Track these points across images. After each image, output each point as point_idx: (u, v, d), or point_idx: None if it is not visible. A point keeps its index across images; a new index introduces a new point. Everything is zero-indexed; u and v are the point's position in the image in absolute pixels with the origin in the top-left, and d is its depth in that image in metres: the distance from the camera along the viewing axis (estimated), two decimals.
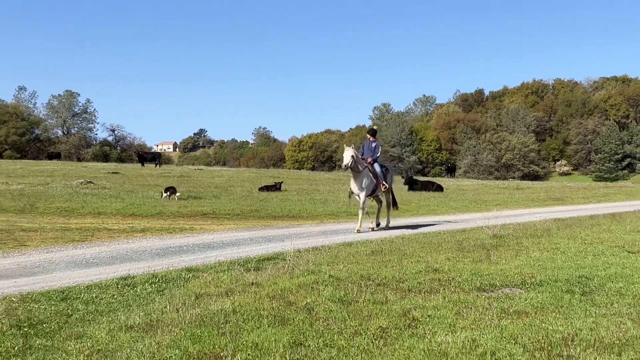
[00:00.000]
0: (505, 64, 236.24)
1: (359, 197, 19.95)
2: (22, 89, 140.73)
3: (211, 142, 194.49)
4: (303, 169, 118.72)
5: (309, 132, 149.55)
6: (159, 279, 11.19)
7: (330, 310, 8.12)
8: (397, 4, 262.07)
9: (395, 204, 22.48)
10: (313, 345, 6.73)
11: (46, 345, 7.32)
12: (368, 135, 21.95)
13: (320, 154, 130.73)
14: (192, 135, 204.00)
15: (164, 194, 24.86)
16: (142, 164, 72.92)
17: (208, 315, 8.02)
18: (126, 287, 10.61)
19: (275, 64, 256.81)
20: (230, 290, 9.62)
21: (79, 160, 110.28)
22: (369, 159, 20.54)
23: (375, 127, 21.79)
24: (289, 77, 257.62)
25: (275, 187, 39.09)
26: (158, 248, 15.84)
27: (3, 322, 8.10)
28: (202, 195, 33.11)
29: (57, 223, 20.92)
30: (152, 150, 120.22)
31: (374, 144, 21.14)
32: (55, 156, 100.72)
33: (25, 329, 7.91)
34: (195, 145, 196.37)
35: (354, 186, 20.02)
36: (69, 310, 9.00)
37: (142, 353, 6.70)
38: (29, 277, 11.91)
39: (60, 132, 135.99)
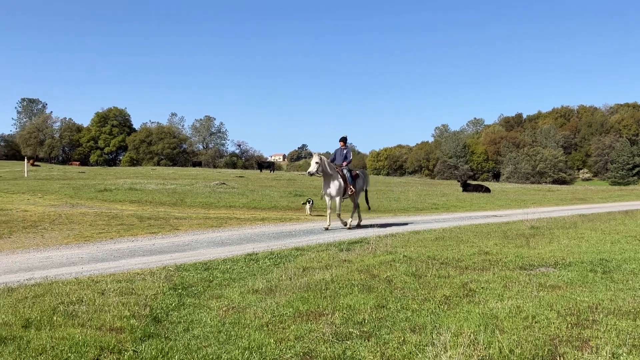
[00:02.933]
0: (539, 91, 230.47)
1: (329, 198, 17.27)
2: (173, 114, 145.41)
3: (310, 154, 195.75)
4: (380, 174, 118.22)
5: (384, 146, 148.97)
6: (275, 256, 11.34)
7: (405, 282, 8.09)
8: (452, 45, 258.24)
9: (367, 202, 20.12)
10: (393, 308, 6.73)
11: (195, 303, 7.54)
12: (340, 143, 18.60)
13: (393, 163, 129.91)
14: (297, 148, 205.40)
15: (307, 205, 22.87)
16: (260, 170, 74.11)
17: (313, 283, 8.09)
18: (251, 261, 10.80)
19: (358, 88, 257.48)
20: (328, 265, 9.68)
21: (214, 167, 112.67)
22: (341, 165, 17.78)
23: (345, 135, 18.65)
24: (368, 99, 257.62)
25: None
26: (274, 232, 16.06)
27: (164, 285, 8.36)
28: (304, 193, 33.33)
29: (200, 213, 21.44)
30: (268, 160, 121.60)
31: (345, 151, 18.31)
32: (198, 164, 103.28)
33: (179, 291, 8.16)
34: (299, 156, 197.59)
35: (325, 188, 17.41)
36: (210, 277, 9.23)
37: (265, 310, 6.83)
38: (180, 252, 12.25)
39: (201, 147, 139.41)
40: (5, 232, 15.05)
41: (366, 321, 6.20)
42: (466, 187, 43.19)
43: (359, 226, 18.16)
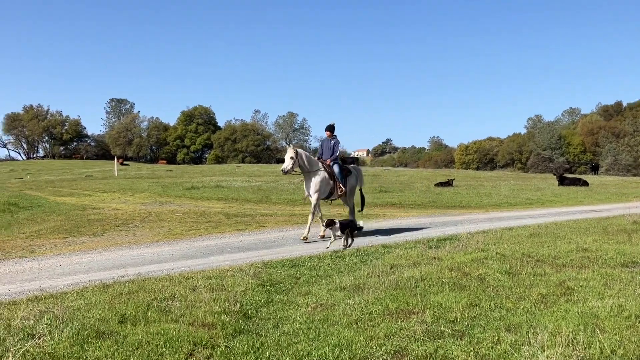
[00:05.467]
0: None
1: (311, 200, 14.58)
2: (257, 111, 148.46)
3: (395, 149, 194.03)
4: (469, 169, 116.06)
5: (473, 139, 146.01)
6: (361, 253, 11.40)
7: (499, 280, 7.96)
8: (545, 31, 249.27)
9: (362, 205, 16.94)
10: (486, 306, 6.65)
11: (283, 299, 7.71)
12: (327, 133, 15.70)
13: (483, 157, 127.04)
14: (381, 143, 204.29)
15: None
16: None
17: (402, 281, 8.09)
18: (338, 258, 10.90)
19: (445, 78, 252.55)
20: (417, 263, 9.64)
21: None
22: (328, 160, 15.11)
23: (332, 123, 14.50)
24: (456, 90, 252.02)
25: (448, 183, 38.51)
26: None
27: (252, 281, 8.58)
28: (390, 189, 33.24)
29: (285, 210, 21.81)
30: (351, 155, 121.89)
31: (332, 142, 15.44)
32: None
33: (268, 287, 8.36)
34: (383, 151, 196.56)
35: (306, 188, 14.69)
36: (297, 274, 9.40)
37: (354, 307, 6.89)
38: (267, 249, 12.51)
39: (284, 143, 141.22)
40: (99, 230, 15.83)
41: (458, 320, 6.15)
42: (562, 181, 41.82)
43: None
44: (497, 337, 5.54)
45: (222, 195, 27.45)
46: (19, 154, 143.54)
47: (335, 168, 15.01)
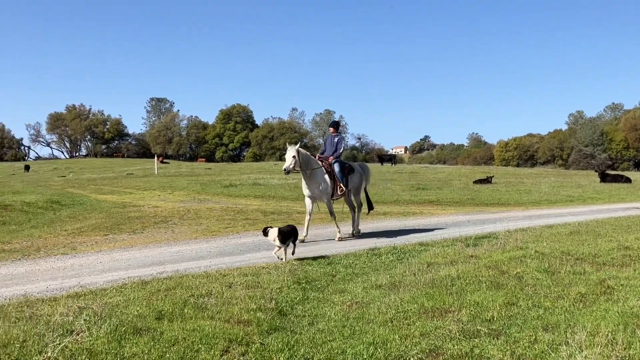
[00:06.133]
0: None
1: (311, 201, 14.08)
2: (294, 109, 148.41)
3: (434, 146, 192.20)
4: (509, 166, 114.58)
5: (513, 135, 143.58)
6: (398, 251, 11.35)
7: (537, 279, 7.83)
8: (587, 25, 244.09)
9: (369, 206, 16.07)
10: (523, 305, 6.55)
11: (318, 297, 7.71)
12: (330, 130, 15.20)
13: (523, 153, 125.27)
14: (419, 140, 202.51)
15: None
16: (382, 163, 74.09)
17: (438, 279, 8.02)
18: (374, 256, 10.87)
19: (484, 75, 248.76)
20: (454, 261, 9.55)
21: None
22: (330, 158, 14.34)
23: (338, 120, 13.44)
24: (495, 86, 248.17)
25: (487, 180, 38.04)
26: (396, 227, 16.05)
27: (288, 279, 8.61)
28: (427, 187, 33.00)
29: (322, 207, 21.79)
30: (389, 153, 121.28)
31: (336, 139, 14.75)
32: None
33: (303, 284, 8.38)
34: (421, 148, 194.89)
35: (304, 188, 13.99)
36: (333, 272, 9.40)
37: (389, 305, 6.86)
38: (303, 247, 12.52)
39: (321, 141, 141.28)
40: (139, 228, 16.06)
41: (495, 319, 6.07)
42: (604, 178, 40.98)
43: (354, 235, 14.68)
44: (534, 337, 5.45)
45: (259, 192, 27.61)
46: (62, 152, 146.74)
47: (336, 167, 14.27)
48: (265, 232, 10.68)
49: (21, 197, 24.23)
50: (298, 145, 13.44)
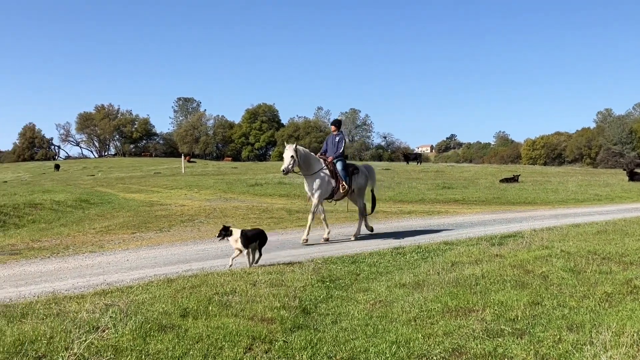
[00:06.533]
0: None
1: (311, 200, 13.56)
2: (319, 108, 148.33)
3: (460, 144, 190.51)
4: (536, 164, 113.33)
5: (540, 133, 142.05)
6: (422, 249, 11.31)
7: (562, 278, 7.74)
8: (614, 22, 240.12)
9: (373, 207, 15.14)
10: (548, 305, 6.48)
11: (342, 295, 7.72)
12: (332, 128, 14.71)
13: (551, 152, 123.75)
14: (445, 139, 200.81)
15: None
16: (407, 162, 73.77)
17: (462, 278, 7.97)
18: (398, 254, 10.84)
19: (510, 72, 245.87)
20: (479, 260, 9.48)
21: (360, 160, 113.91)
22: (330, 158, 13.88)
23: (339, 118, 12.99)
24: (521, 84, 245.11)
25: (513, 179, 37.70)
26: (421, 226, 16.00)
27: (312, 277, 8.63)
28: (453, 186, 32.81)
29: (346, 206, 21.78)
30: (414, 152, 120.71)
31: (337, 138, 14.25)
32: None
33: (327, 283, 8.39)
34: (447, 147, 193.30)
35: (306, 187, 13.62)
36: (357, 271, 9.40)
37: (412, 304, 6.84)
38: (327, 245, 12.56)
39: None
40: (166, 226, 16.21)
41: (519, 318, 6.02)
42: (633, 176, 40.33)
43: (356, 237, 14.04)
44: (558, 336, 5.39)
45: (284, 191, 27.67)
46: (92, 152, 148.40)
47: (338, 165, 13.86)
48: (225, 232, 9.70)
49: (51, 195, 24.60)
50: (295, 144, 13.15)
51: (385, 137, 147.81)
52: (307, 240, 13.03)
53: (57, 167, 73.92)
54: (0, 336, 5.29)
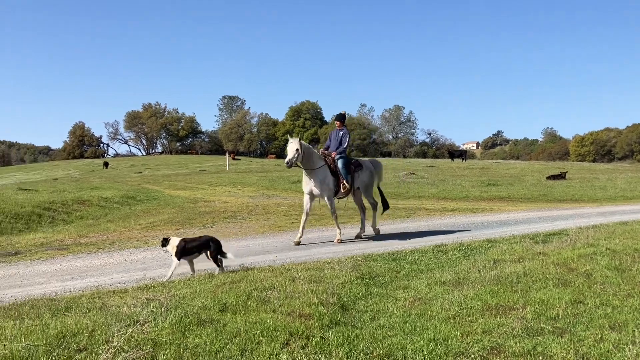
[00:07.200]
0: None
1: (309, 198, 13.41)
2: (363, 105, 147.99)
3: (507, 141, 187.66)
4: (585, 161, 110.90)
5: (589, 129, 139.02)
6: (465, 247, 11.18)
7: (606, 276, 7.56)
8: None
9: (385, 206, 14.68)
10: (591, 303, 6.33)
11: (381, 293, 7.69)
12: (336, 123, 13.94)
13: (600, 148, 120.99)
14: (491, 135, 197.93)
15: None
16: (452, 159, 73.01)
17: (503, 276, 7.86)
18: (440, 252, 10.74)
19: (562, 70, 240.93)
20: (521, 258, 9.32)
21: (404, 157, 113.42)
22: (333, 153, 13.36)
23: (343, 112, 12.67)
24: (572, 80, 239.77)
25: (560, 176, 36.99)
26: (464, 223, 15.82)
27: (351, 274, 8.61)
28: (498, 183, 32.35)
29: (391, 203, 21.69)
30: (460, 148, 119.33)
31: (341, 133, 13.63)
32: (387, 154, 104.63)
33: (367, 280, 8.36)
34: (494, 144, 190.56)
35: (305, 186, 13.28)
36: (397, 268, 9.34)
37: (452, 302, 6.77)
38: (367, 242, 12.53)
39: (390, 137, 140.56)
40: (209, 222, 16.42)
41: (560, 317, 5.91)
42: None
43: (359, 237, 13.76)
44: (600, 336, 5.27)
45: None
46: (139, 150, 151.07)
47: (339, 162, 13.27)
48: (164, 243, 9.07)
49: (99, 192, 25.14)
50: (299, 137, 12.86)
51: (429, 134, 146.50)
52: (340, 239, 12.83)
53: (105, 164, 75.42)
54: (44, 329, 5.44)
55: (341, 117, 13.84)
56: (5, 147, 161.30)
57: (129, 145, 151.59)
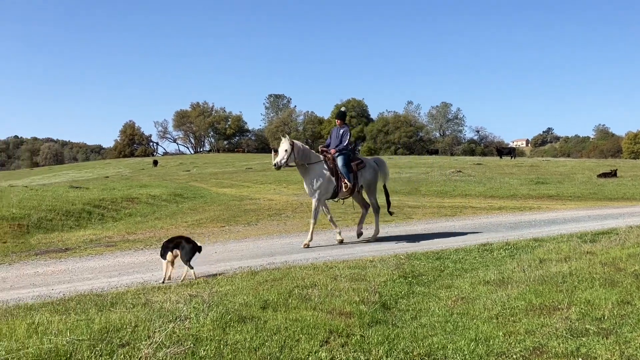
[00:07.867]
0: None
1: (315, 200, 12.47)
2: (409, 102, 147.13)
3: (557, 138, 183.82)
4: (638, 159, 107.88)
5: None
6: (511, 246, 11.00)
7: None
8: None
9: (388, 205, 13.96)
10: (638, 304, 6.16)
11: (424, 292, 7.63)
12: (337, 121, 13.38)
13: None
14: (541, 132, 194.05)
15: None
16: (500, 157, 71.81)
17: (548, 276, 7.71)
18: (485, 251, 10.60)
19: (614, 66, 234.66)
20: (568, 257, 9.13)
21: (451, 154, 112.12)
22: (333, 150, 12.77)
23: (343, 109, 13.64)
24: (626, 75, 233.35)
25: (612, 174, 36.06)
26: (511, 222, 15.58)
27: (394, 272, 8.57)
28: (547, 181, 31.76)
29: (434, 202, 21.55)
30: (508, 146, 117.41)
31: (341, 131, 13.06)
32: (434, 152, 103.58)
33: (409, 279, 8.31)
34: (544, 141, 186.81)
35: (306, 186, 12.61)
36: (441, 267, 9.27)
37: (495, 302, 6.68)
38: (412, 242, 12.44)
39: (437, 134, 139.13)
40: (253, 220, 16.56)
41: (606, 317, 5.76)
42: None
43: (358, 237, 13.31)
44: None
45: None
46: (188, 148, 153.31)
47: (339, 160, 12.63)
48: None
49: (147, 190, 25.63)
50: (290, 138, 12.32)
51: (478, 131, 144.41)
52: (308, 245, 12.08)
53: (155, 162, 76.83)
54: (88, 324, 5.57)
55: (341, 115, 13.50)
56: (58, 146, 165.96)
57: (177, 143, 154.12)
